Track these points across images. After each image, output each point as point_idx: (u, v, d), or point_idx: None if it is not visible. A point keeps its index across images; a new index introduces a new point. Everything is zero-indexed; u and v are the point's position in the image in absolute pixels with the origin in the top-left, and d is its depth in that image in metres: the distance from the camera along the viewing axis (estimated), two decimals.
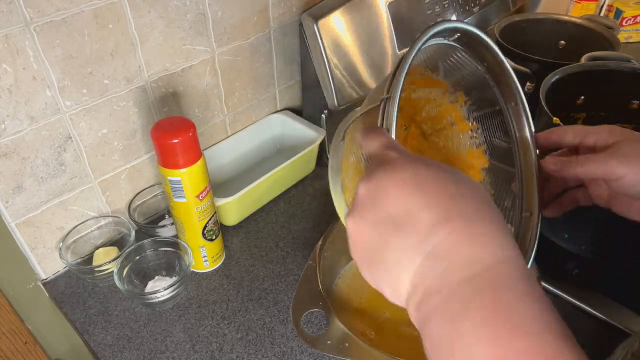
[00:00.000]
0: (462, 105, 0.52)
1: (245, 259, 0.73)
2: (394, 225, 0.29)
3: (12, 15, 0.54)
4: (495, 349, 0.24)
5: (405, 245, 0.28)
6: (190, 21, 0.71)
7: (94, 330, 0.64)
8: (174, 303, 0.67)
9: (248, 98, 0.86)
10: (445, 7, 0.90)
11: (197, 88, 0.77)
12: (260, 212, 0.81)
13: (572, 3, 1.17)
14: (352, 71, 0.79)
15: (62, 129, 0.64)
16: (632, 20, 1.14)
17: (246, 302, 0.67)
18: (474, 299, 0.26)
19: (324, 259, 0.62)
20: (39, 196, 0.66)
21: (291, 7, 0.83)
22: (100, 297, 0.69)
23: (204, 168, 0.64)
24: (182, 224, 0.67)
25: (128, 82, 0.68)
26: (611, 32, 0.94)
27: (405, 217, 0.29)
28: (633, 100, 0.76)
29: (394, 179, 0.30)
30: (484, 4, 0.99)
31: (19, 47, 0.56)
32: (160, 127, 0.60)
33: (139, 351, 0.62)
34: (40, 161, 0.64)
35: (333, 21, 0.75)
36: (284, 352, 0.61)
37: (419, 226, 0.28)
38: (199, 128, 0.80)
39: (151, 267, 0.70)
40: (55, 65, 0.60)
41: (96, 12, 0.61)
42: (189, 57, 0.73)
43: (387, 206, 0.30)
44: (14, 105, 0.59)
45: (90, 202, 0.72)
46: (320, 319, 0.63)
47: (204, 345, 0.62)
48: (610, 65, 0.76)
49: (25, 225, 0.66)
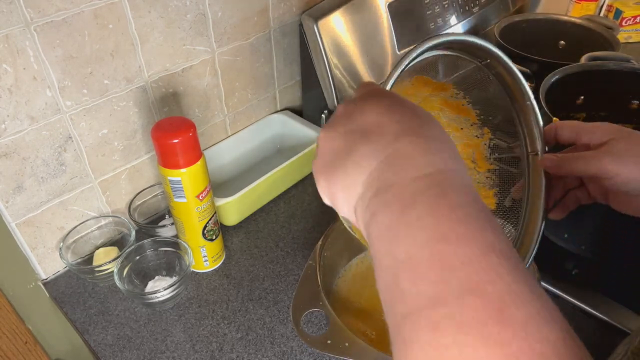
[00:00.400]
0: (487, 142, 0.52)
1: (245, 259, 0.73)
2: (361, 133, 0.32)
3: (13, 15, 0.54)
4: (437, 234, 0.26)
5: (368, 150, 0.31)
6: (190, 21, 0.71)
7: (94, 330, 0.64)
8: (174, 303, 0.67)
9: (248, 98, 0.86)
10: (445, 7, 0.90)
11: (197, 88, 0.77)
12: (260, 212, 0.81)
13: (572, 3, 1.17)
14: (352, 71, 0.79)
15: (63, 129, 0.64)
16: (631, 21, 1.14)
17: (246, 302, 0.67)
18: (423, 192, 0.28)
19: (324, 258, 0.62)
20: (39, 196, 0.66)
21: (291, 7, 0.83)
22: (100, 297, 0.69)
23: (204, 168, 0.64)
24: (182, 224, 0.67)
25: (128, 82, 0.68)
26: (611, 32, 0.94)
27: (374, 127, 0.31)
28: (633, 100, 0.76)
29: (371, 101, 0.33)
30: (484, 4, 0.99)
31: (20, 47, 0.56)
32: (160, 127, 0.60)
33: (139, 351, 0.62)
34: (41, 161, 0.64)
35: (333, 21, 0.75)
36: (284, 352, 0.61)
37: (384, 135, 0.31)
38: (199, 128, 0.80)
39: (151, 267, 0.70)
40: (56, 66, 0.60)
41: (96, 12, 0.61)
42: (189, 57, 0.73)
43: (359, 120, 0.32)
44: (14, 105, 0.59)
45: (90, 202, 0.72)
46: (320, 319, 0.63)
47: (204, 345, 0.62)
48: (610, 65, 0.76)
49: (25, 225, 0.66)
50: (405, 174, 0.29)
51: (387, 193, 0.29)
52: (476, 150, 0.53)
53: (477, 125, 0.52)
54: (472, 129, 0.53)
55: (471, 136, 0.53)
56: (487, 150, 0.53)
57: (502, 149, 0.53)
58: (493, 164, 0.53)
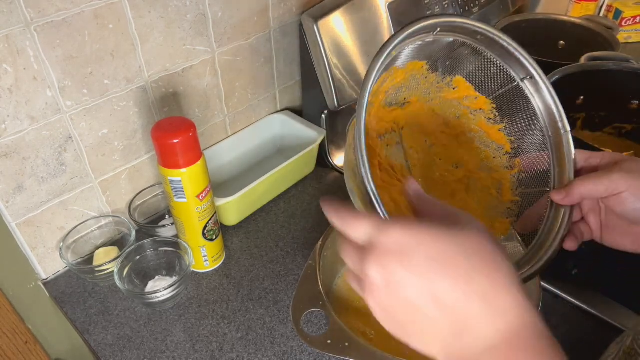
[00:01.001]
0: (515, 175, 0.52)
1: (245, 259, 0.73)
2: (415, 309, 0.31)
3: (13, 15, 0.54)
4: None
5: (430, 327, 0.31)
6: (190, 21, 0.71)
7: (95, 330, 0.64)
8: (174, 303, 0.67)
9: (248, 98, 0.86)
10: (445, 7, 0.90)
11: (198, 88, 0.77)
12: (260, 212, 0.81)
13: (572, 3, 1.17)
14: (352, 71, 0.79)
15: (63, 129, 0.64)
16: (631, 21, 1.14)
17: (246, 302, 0.67)
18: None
19: (324, 258, 0.62)
20: (40, 196, 0.66)
21: (291, 7, 0.83)
22: (100, 297, 0.69)
23: (204, 168, 0.64)
24: (182, 224, 0.67)
25: (128, 82, 0.68)
26: (611, 33, 0.94)
27: (421, 302, 0.31)
28: (632, 100, 0.76)
29: (402, 263, 0.31)
30: (484, 4, 0.99)
31: (20, 47, 0.56)
32: (160, 127, 0.60)
33: (139, 351, 0.62)
34: (41, 161, 0.64)
35: (333, 21, 0.75)
36: (284, 352, 0.61)
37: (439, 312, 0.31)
38: (199, 128, 0.80)
39: (151, 267, 0.70)
40: (56, 66, 0.60)
41: (96, 13, 0.61)
42: (189, 57, 0.73)
43: (404, 292, 0.31)
44: (14, 105, 0.59)
45: (90, 202, 0.72)
46: (320, 319, 0.63)
47: (204, 345, 0.62)
48: (610, 65, 0.76)
49: (25, 225, 0.66)
50: (474, 350, 0.30)
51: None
52: (504, 180, 0.53)
53: (510, 155, 0.52)
54: (503, 159, 0.53)
55: (502, 167, 0.53)
56: (515, 183, 0.52)
57: (529, 183, 0.51)
58: (517, 196, 0.52)
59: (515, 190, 0.52)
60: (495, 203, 0.53)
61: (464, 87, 0.52)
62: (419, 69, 0.50)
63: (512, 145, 0.52)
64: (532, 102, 0.49)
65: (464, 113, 0.53)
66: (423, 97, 0.53)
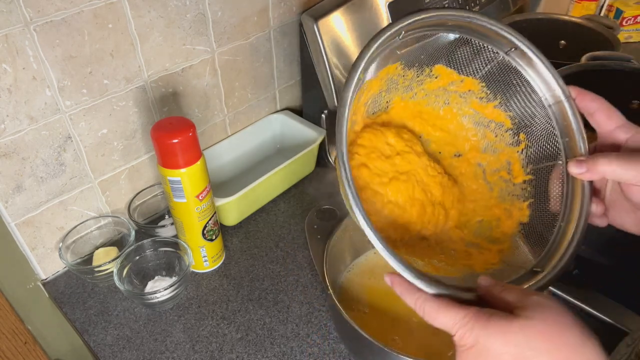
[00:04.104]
0: (521, 151, 0.49)
1: (245, 259, 0.73)
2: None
3: (12, 15, 0.54)
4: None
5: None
6: (190, 21, 0.70)
7: (94, 330, 0.64)
8: (174, 303, 0.67)
9: (248, 98, 0.86)
10: (445, 7, 0.90)
11: (197, 88, 0.77)
12: (260, 212, 0.81)
13: (572, 3, 1.17)
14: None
15: (62, 129, 0.64)
16: (632, 20, 1.13)
17: (246, 302, 0.67)
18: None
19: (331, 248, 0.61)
20: (39, 196, 0.66)
21: (291, 7, 0.83)
22: (100, 297, 0.69)
23: (204, 168, 0.64)
24: (182, 224, 0.67)
25: (128, 82, 0.68)
26: (611, 32, 0.94)
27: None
28: (633, 100, 0.76)
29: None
30: (484, 4, 0.99)
31: (19, 47, 0.56)
32: (160, 127, 0.60)
33: (138, 351, 0.62)
34: (40, 161, 0.64)
35: (333, 21, 0.75)
36: (284, 352, 0.61)
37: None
38: (199, 128, 0.80)
39: (151, 267, 0.70)
40: (55, 65, 0.60)
41: (96, 12, 0.61)
42: (189, 57, 0.73)
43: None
44: (13, 105, 0.59)
45: (90, 202, 0.72)
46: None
47: (204, 345, 0.62)
48: (610, 65, 0.76)
49: (25, 225, 0.66)
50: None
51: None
52: (512, 159, 0.50)
53: (512, 131, 0.50)
54: (506, 136, 0.50)
55: (506, 144, 0.50)
56: (524, 159, 0.49)
57: (540, 158, 0.48)
58: (529, 174, 0.50)
59: (526, 168, 0.49)
60: (509, 186, 0.51)
61: (446, 74, 0.50)
62: (393, 70, 0.48)
63: (512, 120, 0.49)
64: (524, 73, 0.46)
65: (452, 98, 0.51)
66: (405, 94, 0.52)
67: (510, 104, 0.49)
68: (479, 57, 0.48)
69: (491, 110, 0.50)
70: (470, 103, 0.51)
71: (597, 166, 0.42)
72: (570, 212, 0.45)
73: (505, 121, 0.50)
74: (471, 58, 0.48)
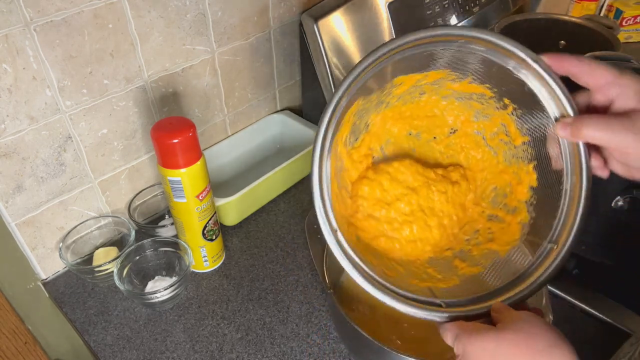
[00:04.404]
0: (512, 113, 0.49)
1: (245, 259, 0.73)
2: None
3: (12, 15, 0.54)
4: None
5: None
6: (190, 21, 0.71)
7: (94, 330, 0.64)
8: (174, 303, 0.67)
9: (248, 98, 0.86)
10: (445, 7, 0.90)
11: (197, 88, 0.77)
12: (260, 212, 0.81)
13: (572, 3, 1.17)
14: None
15: (62, 129, 0.64)
16: (632, 20, 1.13)
17: (246, 302, 0.67)
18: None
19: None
20: (39, 196, 0.66)
21: (291, 7, 0.83)
22: (100, 297, 0.69)
23: (204, 168, 0.64)
24: (182, 224, 0.67)
25: (128, 82, 0.68)
26: (611, 32, 0.94)
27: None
28: None
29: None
30: (484, 4, 0.99)
31: (19, 47, 0.56)
32: (160, 127, 0.60)
33: (139, 351, 0.62)
34: (40, 161, 0.64)
35: (333, 21, 0.75)
36: (284, 352, 0.61)
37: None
38: (199, 128, 0.80)
39: (151, 267, 0.70)
40: (55, 65, 0.60)
41: (96, 12, 0.61)
42: (189, 57, 0.73)
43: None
44: (13, 105, 0.59)
45: (90, 202, 0.72)
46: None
47: (204, 345, 0.62)
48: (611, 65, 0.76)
49: (25, 225, 0.66)
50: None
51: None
52: (505, 121, 0.50)
53: (495, 98, 0.49)
54: (492, 102, 0.50)
55: (495, 109, 0.50)
56: (517, 120, 0.49)
57: (531, 120, 0.48)
58: (526, 135, 0.49)
59: (522, 129, 0.49)
60: (512, 149, 0.51)
61: (409, 77, 0.50)
62: (356, 107, 0.49)
63: (492, 90, 0.49)
64: (476, 49, 0.45)
65: (426, 88, 0.52)
66: (379, 109, 0.53)
67: (484, 79, 0.49)
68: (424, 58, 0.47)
69: (467, 85, 0.50)
70: (444, 86, 0.51)
71: (580, 131, 0.41)
72: (573, 170, 0.45)
73: (485, 91, 0.50)
74: (423, 59, 0.47)
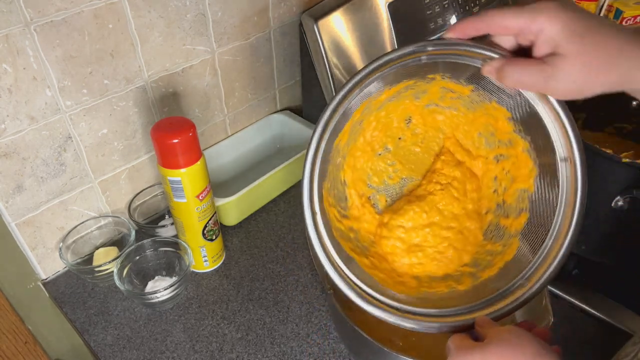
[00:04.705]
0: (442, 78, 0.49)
1: (245, 259, 0.73)
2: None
3: (12, 15, 0.54)
4: None
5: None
6: (190, 21, 0.71)
7: (94, 330, 0.64)
8: (174, 303, 0.67)
9: (248, 98, 0.86)
10: (445, 7, 0.90)
11: (197, 88, 0.77)
12: (260, 212, 0.81)
13: None
14: (352, 71, 0.79)
15: (62, 129, 0.64)
16: (632, 21, 1.13)
17: (246, 302, 0.67)
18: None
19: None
20: (39, 196, 0.66)
21: (291, 7, 0.83)
22: (100, 297, 0.69)
23: (204, 168, 0.64)
24: (182, 224, 0.67)
25: (128, 82, 0.68)
26: None
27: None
28: (633, 100, 0.76)
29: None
30: (484, 4, 0.99)
31: (19, 47, 0.56)
32: (160, 127, 0.60)
33: (139, 351, 0.62)
34: (40, 161, 0.64)
35: (333, 21, 0.75)
36: (284, 352, 0.61)
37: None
38: (199, 128, 0.80)
39: (151, 267, 0.70)
40: (55, 65, 0.60)
41: (96, 12, 0.61)
42: (189, 57, 0.73)
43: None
44: (14, 105, 0.59)
45: (90, 202, 0.72)
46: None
47: (204, 345, 0.62)
48: None
49: (25, 225, 0.66)
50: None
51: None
52: (442, 85, 0.50)
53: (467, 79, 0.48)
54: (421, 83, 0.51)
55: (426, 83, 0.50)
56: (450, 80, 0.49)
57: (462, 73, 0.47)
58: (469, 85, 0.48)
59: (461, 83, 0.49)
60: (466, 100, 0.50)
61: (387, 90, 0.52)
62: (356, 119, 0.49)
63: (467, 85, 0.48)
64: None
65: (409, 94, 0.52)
66: (341, 164, 0.53)
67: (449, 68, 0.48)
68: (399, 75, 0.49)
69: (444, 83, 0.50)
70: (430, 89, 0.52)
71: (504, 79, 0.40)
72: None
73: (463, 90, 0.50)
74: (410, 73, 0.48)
